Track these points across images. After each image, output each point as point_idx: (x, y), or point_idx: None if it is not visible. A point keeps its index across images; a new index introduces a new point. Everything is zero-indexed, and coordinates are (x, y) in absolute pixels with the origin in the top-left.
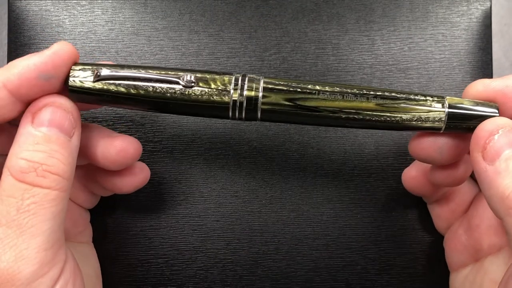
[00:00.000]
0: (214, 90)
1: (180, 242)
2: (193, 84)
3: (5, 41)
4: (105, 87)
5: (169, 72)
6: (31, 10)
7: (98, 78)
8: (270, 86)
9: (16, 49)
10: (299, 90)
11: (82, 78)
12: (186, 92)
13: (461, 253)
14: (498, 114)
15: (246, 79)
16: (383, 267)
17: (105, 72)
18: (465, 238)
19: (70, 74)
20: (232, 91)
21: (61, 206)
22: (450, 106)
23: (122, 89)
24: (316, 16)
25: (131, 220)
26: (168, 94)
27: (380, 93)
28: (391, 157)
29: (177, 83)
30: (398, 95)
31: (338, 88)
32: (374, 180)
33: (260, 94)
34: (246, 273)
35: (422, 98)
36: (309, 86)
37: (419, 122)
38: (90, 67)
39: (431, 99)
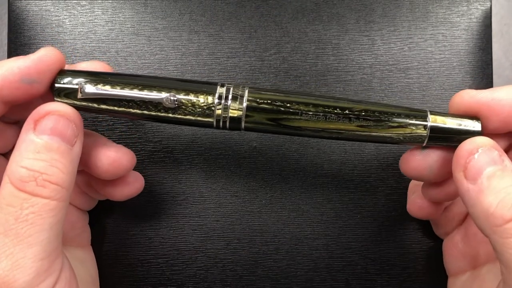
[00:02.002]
0: (198, 109)
1: (180, 242)
2: (176, 104)
3: (5, 41)
4: (89, 104)
5: (153, 90)
6: (31, 10)
7: (81, 96)
8: (254, 104)
9: (16, 49)
10: (282, 109)
11: (67, 91)
12: (170, 113)
13: (459, 259)
14: (480, 128)
15: (230, 95)
16: (383, 267)
17: (89, 89)
18: (462, 245)
19: (56, 80)
20: (215, 111)
21: (59, 216)
22: (432, 122)
23: (106, 107)
24: (316, 16)
25: (131, 220)
26: (153, 113)
27: (363, 113)
28: (391, 157)
29: (160, 103)
30: (381, 116)
31: (321, 108)
32: (374, 180)
33: (243, 114)
34: (246, 273)
35: (405, 116)
36: (293, 105)
37: (401, 138)
38: (75, 80)
39: (413, 116)
